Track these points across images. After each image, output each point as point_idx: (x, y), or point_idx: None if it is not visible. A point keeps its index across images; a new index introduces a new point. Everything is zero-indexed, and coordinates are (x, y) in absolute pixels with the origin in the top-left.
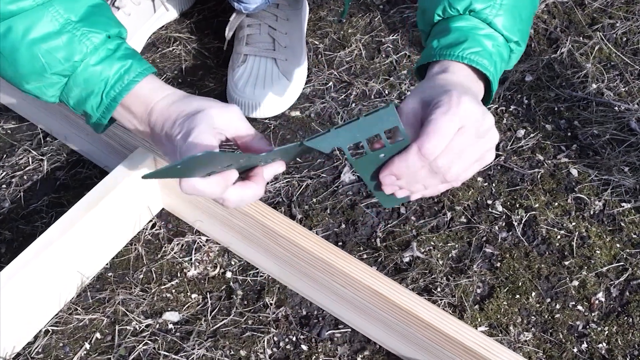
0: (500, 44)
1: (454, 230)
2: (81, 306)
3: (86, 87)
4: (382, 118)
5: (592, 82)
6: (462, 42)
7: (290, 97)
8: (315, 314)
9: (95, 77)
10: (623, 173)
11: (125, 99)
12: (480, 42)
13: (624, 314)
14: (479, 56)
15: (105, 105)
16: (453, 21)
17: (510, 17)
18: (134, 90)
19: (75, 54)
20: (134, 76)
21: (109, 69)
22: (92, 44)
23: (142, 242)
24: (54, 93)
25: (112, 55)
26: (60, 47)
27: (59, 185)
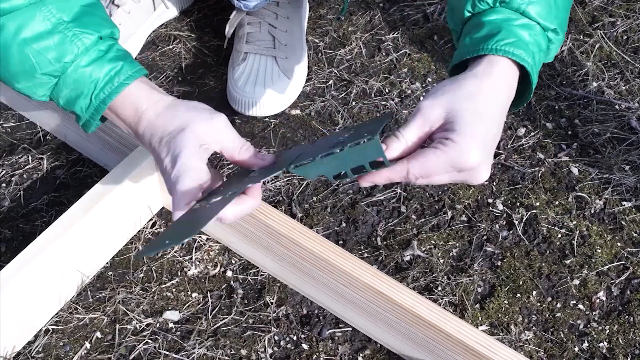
0: (538, 33)
1: (454, 229)
2: (81, 305)
3: (75, 88)
4: (367, 150)
5: (593, 81)
6: (495, 34)
7: (290, 95)
8: (316, 313)
9: (85, 79)
10: (624, 172)
11: (114, 103)
12: (515, 32)
13: (625, 313)
14: (514, 47)
15: (94, 107)
16: (485, 15)
17: (545, 4)
18: (123, 94)
19: (66, 55)
20: (124, 79)
21: (99, 70)
22: (84, 44)
23: (143, 241)
24: (44, 93)
25: (103, 57)
26: (51, 48)
27: (59, 184)
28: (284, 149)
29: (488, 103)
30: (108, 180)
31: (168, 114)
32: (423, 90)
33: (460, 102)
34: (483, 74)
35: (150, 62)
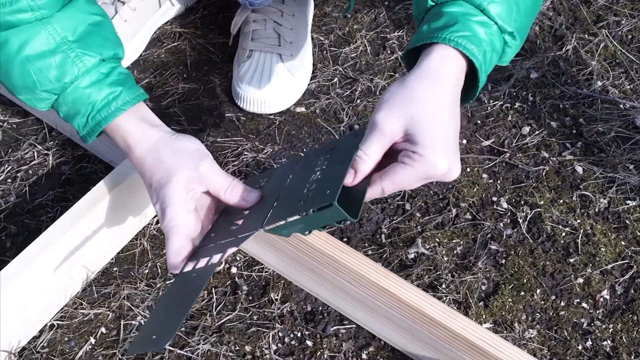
0: (494, 32)
1: (459, 227)
2: (86, 301)
3: (74, 107)
4: (331, 214)
5: (597, 80)
6: (451, 25)
7: (295, 92)
8: (320, 310)
9: (83, 99)
10: (628, 171)
11: (108, 127)
12: (471, 27)
13: (628, 312)
14: (467, 41)
15: (90, 127)
16: (446, 6)
17: (507, 6)
18: (115, 123)
19: (66, 75)
20: (121, 104)
21: (98, 93)
22: (85, 66)
23: (148, 237)
24: (44, 106)
25: (103, 80)
26: (52, 67)
27: (64, 180)
28: (263, 171)
29: (442, 105)
30: (113, 176)
31: (153, 158)
32: None
33: (415, 110)
34: (432, 72)
35: (156, 59)
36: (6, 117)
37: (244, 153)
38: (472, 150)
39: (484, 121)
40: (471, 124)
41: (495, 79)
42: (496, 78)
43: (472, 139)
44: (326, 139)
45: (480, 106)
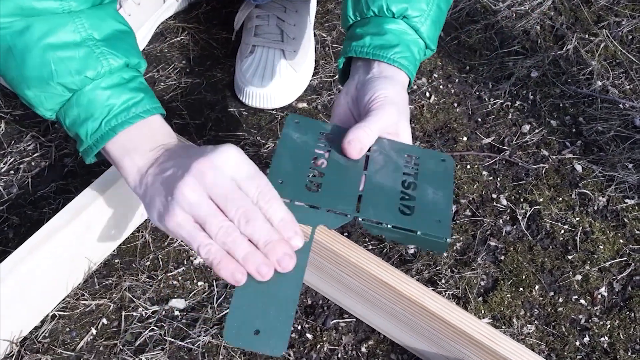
0: (422, 49)
1: (458, 223)
2: (88, 292)
3: (87, 109)
4: (434, 245)
5: (597, 79)
6: (394, 45)
7: (297, 88)
8: (320, 303)
9: (100, 101)
10: (627, 169)
11: (119, 138)
12: (410, 48)
13: (626, 309)
14: (407, 61)
15: (101, 132)
16: (387, 22)
17: (433, 27)
18: (133, 130)
19: (88, 70)
20: (141, 111)
21: (118, 97)
22: (109, 65)
23: (149, 229)
24: (52, 107)
25: (125, 85)
26: (75, 59)
27: (67, 172)
28: None
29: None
30: (115, 169)
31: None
32: (429, 85)
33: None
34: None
35: (159, 54)
36: (9, 109)
37: (245, 148)
38: (473, 147)
39: (484, 119)
40: (472, 122)
41: (496, 77)
42: (497, 77)
43: (473, 137)
44: None
45: (481, 104)
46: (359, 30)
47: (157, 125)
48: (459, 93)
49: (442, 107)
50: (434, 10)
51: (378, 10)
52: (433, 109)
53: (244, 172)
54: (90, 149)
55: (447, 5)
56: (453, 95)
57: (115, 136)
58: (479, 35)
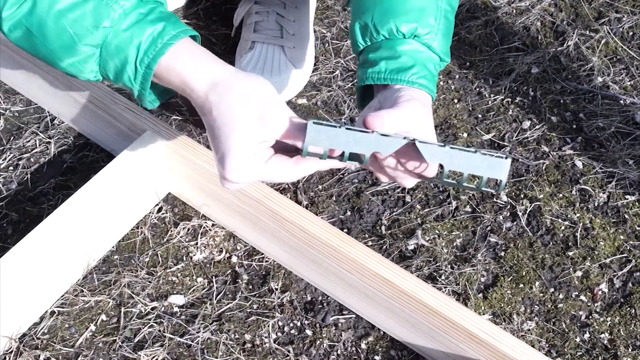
0: (436, 63)
1: (458, 219)
2: (87, 288)
3: (119, 56)
4: (495, 165)
5: (598, 76)
6: (410, 67)
7: (297, 84)
8: (320, 300)
9: (126, 44)
10: (627, 166)
11: (161, 69)
12: (425, 66)
13: (626, 305)
14: (426, 80)
15: (141, 74)
16: (398, 44)
17: (444, 40)
18: (168, 59)
19: (103, 20)
20: (167, 39)
21: (141, 33)
22: (122, 8)
23: (149, 225)
24: (91, 68)
25: (143, 19)
26: (87, 15)
27: (66, 168)
28: None
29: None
30: (115, 165)
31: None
32: None
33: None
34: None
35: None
36: (8, 105)
37: None
38: (473, 143)
39: (484, 115)
40: (472, 118)
41: (496, 73)
42: (497, 73)
43: (473, 133)
44: None
45: (481, 100)
46: (372, 56)
47: (189, 48)
48: (459, 89)
49: (442, 103)
50: (442, 24)
51: (388, 33)
52: (433, 105)
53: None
54: (142, 93)
55: (453, 15)
56: (453, 91)
57: (154, 73)
58: (479, 32)
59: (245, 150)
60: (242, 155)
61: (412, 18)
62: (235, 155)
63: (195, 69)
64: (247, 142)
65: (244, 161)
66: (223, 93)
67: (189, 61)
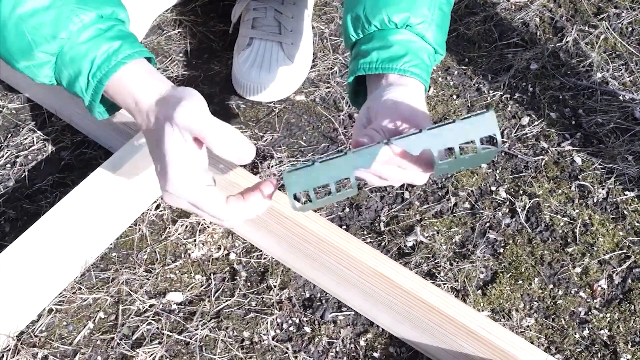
0: (431, 54)
1: (457, 216)
2: (85, 285)
3: (73, 67)
4: (480, 122)
5: (597, 71)
6: (402, 55)
7: (295, 81)
8: (318, 297)
9: (81, 56)
10: (627, 162)
11: (112, 86)
12: (418, 54)
13: (625, 301)
14: (419, 69)
15: (92, 87)
16: (391, 34)
17: (439, 31)
18: (120, 76)
19: (61, 31)
20: (122, 58)
21: (97, 48)
22: (81, 21)
23: (147, 222)
24: (46, 73)
25: (101, 35)
26: (46, 23)
27: (64, 166)
28: None
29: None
30: (112, 162)
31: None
32: None
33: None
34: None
35: (156, 47)
36: (5, 102)
37: None
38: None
39: None
40: None
41: (495, 69)
42: (496, 69)
43: None
44: (326, 127)
45: (480, 96)
46: (364, 47)
47: (143, 69)
48: (458, 85)
49: (441, 99)
50: (437, 15)
51: (380, 23)
52: (432, 101)
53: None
54: (92, 104)
55: (449, 7)
56: (452, 87)
57: (104, 88)
58: (477, 27)
59: (186, 164)
60: (182, 167)
61: (404, 7)
62: (175, 167)
63: (144, 87)
64: (187, 157)
65: (184, 173)
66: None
67: (139, 80)
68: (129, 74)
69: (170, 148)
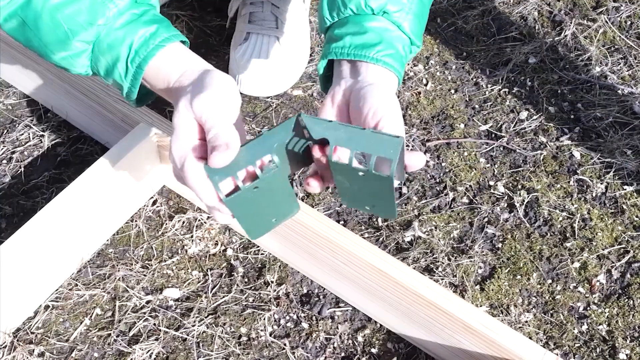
0: (407, 45)
1: (455, 211)
2: (81, 282)
3: (111, 54)
4: (385, 142)
5: (596, 65)
6: (376, 43)
7: (292, 75)
8: (316, 292)
9: (119, 42)
10: (625, 156)
11: (151, 71)
12: (392, 44)
13: (624, 296)
14: (392, 59)
15: (132, 73)
16: (366, 20)
17: (416, 21)
18: (159, 61)
19: (98, 18)
20: (160, 41)
21: (133, 33)
22: (116, 6)
23: (143, 218)
24: (83, 63)
25: (137, 20)
26: (82, 11)
27: (60, 161)
28: None
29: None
30: (108, 157)
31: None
32: (426, 72)
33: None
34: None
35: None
36: (1, 98)
37: None
38: (470, 134)
39: (481, 106)
40: (469, 109)
41: (493, 63)
42: (494, 63)
43: (470, 123)
44: None
45: (478, 91)
46: (338, 32)
47: (179, 52)
48: (456, 80)
49: (439, 93)
50: (415, 5)
51: (356, 7)
52: (430, 95)
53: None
54: (131, 91)
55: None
56: (450, 81)
57: (144, 72)
58: (475, 22)
59: (187, 137)
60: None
61: None
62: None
63: (180, 69)
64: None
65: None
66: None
67: (177, 63)
68: (166, 57)
69: (179, 122)
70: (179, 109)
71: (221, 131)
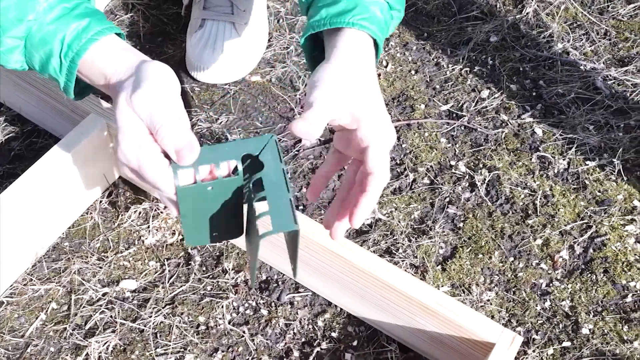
0: (385, 9)
1: (416, 192)
2: (36, 276)
3: (44, 49)
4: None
5: (558, 42)
6: (351, 9)
7: (250, 61)
8: (275, 278)
9: (51, 37)
10: (588, 131)
11: (85, 65)
12: (368, 8)
13: (587, 271)
14: (368, 22)
15: (66, 67)
16: None
17: None
18: (92, 54)
19: (28, 13)
20: (92, 35)
21: (66, 27)
22: (46, 1)
23: (99, 210)
24: (16, 58)
25: (68, 14)
26: (11, 7)
27: (14, 156)
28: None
29: (373, 83)
30: (59, 149)
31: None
32: (385, 54)
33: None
34: (354, 55)
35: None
36: None
37: (198, 124)
38: (431, 114)
39: (442, 86)
40: (429, 89)
41: (454, 43)
42: (455, 42)
43: (431, 104)
44: (282, 108)
45: (439, 71)
46: (314, 7)
47: (114, 45)
48: (417, 60)
49: (400, 75)
50: None
51: None
52: (390, 77)
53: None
54: (67, 85)
55: None
56: (410, 62)
57: (78, 66)
58: (436, 2)
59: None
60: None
61: None
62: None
63: (115, 63)
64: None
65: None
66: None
67: (111, 56)
68: (100, 51)
69: (123, 120)
70: (119, 106)
71: (176, 131)
